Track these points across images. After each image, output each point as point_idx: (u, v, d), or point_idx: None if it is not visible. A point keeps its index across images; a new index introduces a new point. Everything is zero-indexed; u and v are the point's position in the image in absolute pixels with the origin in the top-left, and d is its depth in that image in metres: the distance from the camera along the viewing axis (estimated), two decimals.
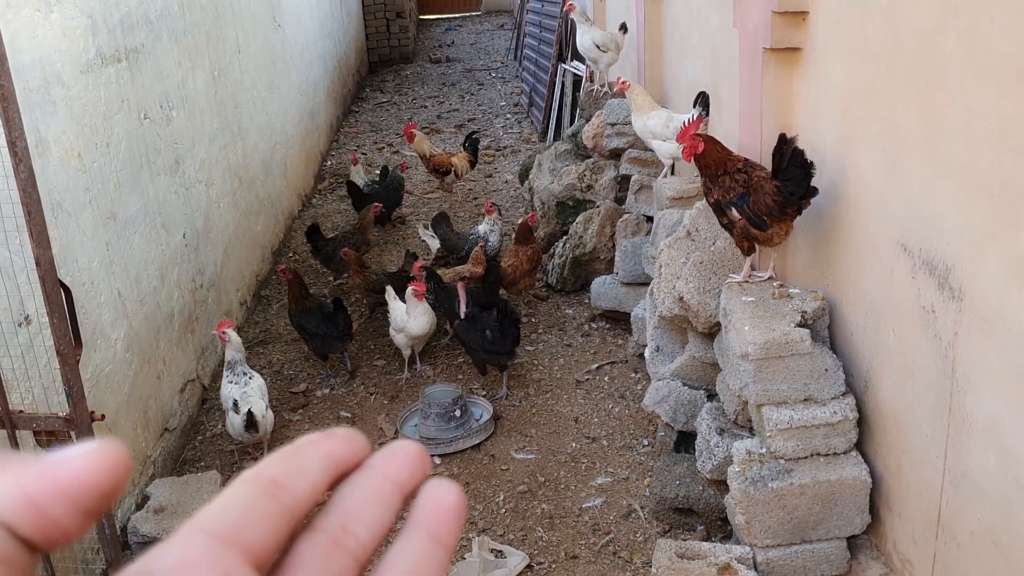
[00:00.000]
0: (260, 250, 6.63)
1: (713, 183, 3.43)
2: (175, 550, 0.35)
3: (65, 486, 0.34)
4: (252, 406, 4.16)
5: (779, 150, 3.23)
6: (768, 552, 3.11)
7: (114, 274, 3.99)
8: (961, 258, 2.43)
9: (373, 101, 12.89)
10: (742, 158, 3.48)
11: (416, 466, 0.41)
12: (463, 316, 4.84)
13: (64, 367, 2.24)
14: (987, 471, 2.39)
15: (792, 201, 3.21)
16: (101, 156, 3.94)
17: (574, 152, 6.70)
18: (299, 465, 0.39)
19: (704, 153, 3.44)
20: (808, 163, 3.16)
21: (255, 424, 4.15)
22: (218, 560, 0.34)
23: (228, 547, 0.35)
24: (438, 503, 0.40)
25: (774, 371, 3.09)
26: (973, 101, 2.33)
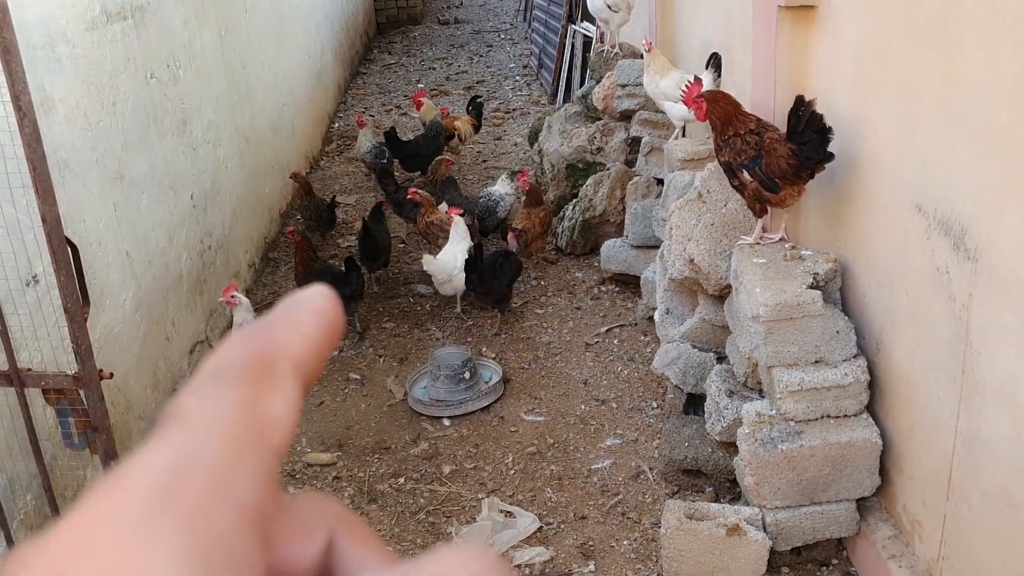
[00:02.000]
0: (268, 212, 6.61)
1: (725, 144, 3.39)
2: None
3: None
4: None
5: (795, 112, 3.17)
6: (777, 513, 3.10)
7: (122, 235, 3.97)
8: (977, 218, 2.40)
9: (381, 63, 12.79)
10: (754, 118, 3.42)
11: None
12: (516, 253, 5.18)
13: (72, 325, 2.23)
14: (1000, 432, 2.37)
15: (807, 165, 3.17)
16: (107, 115, 3.91)
17: (584, 114, 6.64)
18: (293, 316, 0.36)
19: (709, 112, 3.43)
20: (826, 127, 3.10)
21: None
22: None
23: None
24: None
25: (785, 333, 3.07)
26: (992, 58, 2.28)
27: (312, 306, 0.35)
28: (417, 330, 5.30)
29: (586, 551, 3.46)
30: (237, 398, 0.31)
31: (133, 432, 3.90)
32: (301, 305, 0.35)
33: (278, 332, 0.34)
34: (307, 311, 0.35)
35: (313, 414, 4.55)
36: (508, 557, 3.44)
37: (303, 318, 0.35)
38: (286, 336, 0.34)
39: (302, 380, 0.33)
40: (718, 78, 4.41)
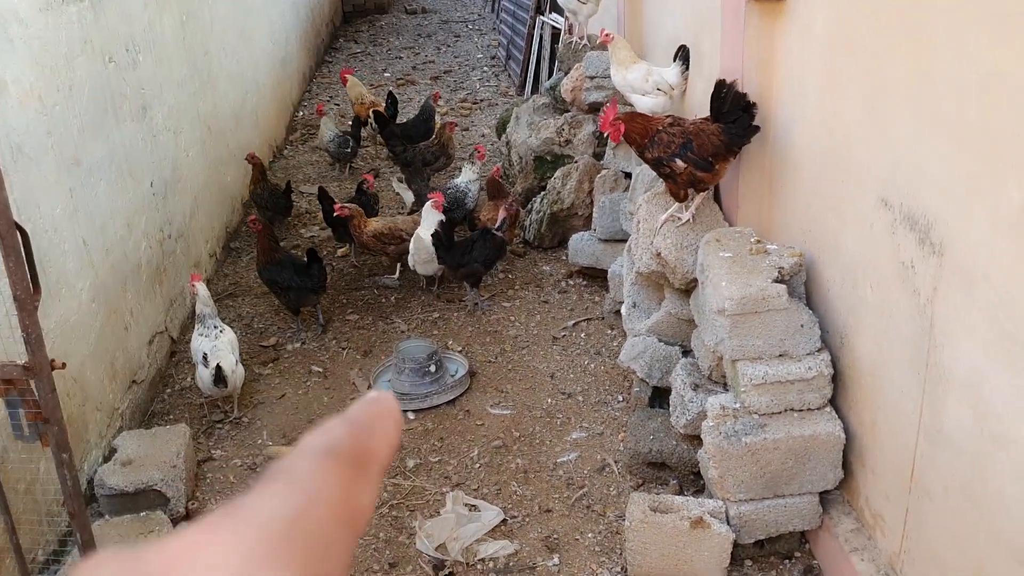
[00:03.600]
0: (230, 201, 6.51)
1: (650, 144, 3.57)
2: None
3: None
4: (221, 360, 4.09)
5: (717, 95, 3.44)
6: (741, 506, 3.10)
7: (79, 222, 3.88)
8: (944, 213, 2.40)
9: (347, 51, 12.67)
10: (667, 116, 3.70)
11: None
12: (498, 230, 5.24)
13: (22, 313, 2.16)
14: (963, 426, 2.38)
15: (738, 141, 3.43)
16: (63, 99, 3.81)
17: (552, 106, 6.61)
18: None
19: (627, 132, 3.63)
20: (751, 104, 3.40)
21: (224, 379, 4.09)
22: None
23: None
24: None
25: (750, 327, 3.06)
26: (961, 52, 2.28)
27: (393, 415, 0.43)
28: (382, 322, 5.25)
29: (550, 544, 3.44)
30: (342, 480, 0.37)
31: (90, 424, 3.81)
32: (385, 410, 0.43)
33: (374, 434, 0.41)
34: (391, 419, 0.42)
35: (275, 407, 4.48)
36: (472, 550, 3.41)
37: (390, 426, 0.42)
38: (379, 440, 0.41)
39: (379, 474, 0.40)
40: (686, 71, 4.40)
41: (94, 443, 3.84)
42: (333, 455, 0.38)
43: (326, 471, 0.37)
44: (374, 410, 0.42)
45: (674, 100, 4.48)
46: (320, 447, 0.38)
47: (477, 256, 5.11)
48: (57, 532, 3.39)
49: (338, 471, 0.37)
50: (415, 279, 5.66)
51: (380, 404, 0.43)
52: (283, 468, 0.36)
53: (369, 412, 0.42)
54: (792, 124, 3.39)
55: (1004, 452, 2.22)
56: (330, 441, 0.39)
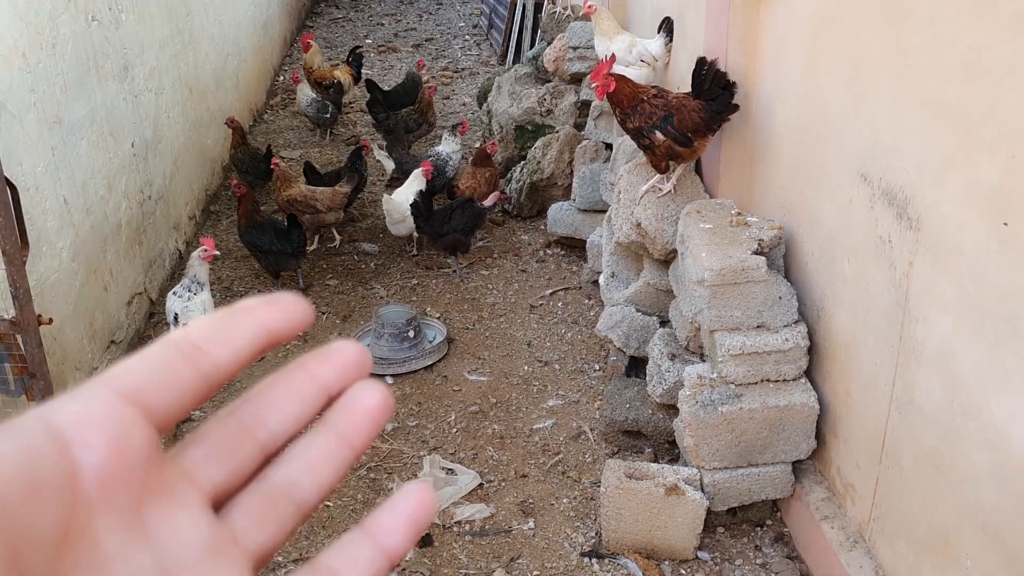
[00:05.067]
0: (210, 164, 6.48)
1: (632, 112, 3.60)
2: (76, 404, 0.34)
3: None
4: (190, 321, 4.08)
5: (699, 72, 3.47)
6: (715, 474, 3.17)
7: (60, 180, 3.86)
8: (921, 188, 2.45)
9: (328, 16, 12.55)
10: (652, 87, 3.71)
11: (347, 369, 0.41)
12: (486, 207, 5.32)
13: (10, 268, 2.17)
14: (934, 398, 2.44)
15: (717, 118, 3.47)
16: (47, 57, 3.78)
17: (534, 76, 6.60)
18: (228, 332, 0.39)
19: (616, 91, 3.64)
20: (731, 83, 3.44)
21: None
22: (117, 419, 0.34)
23: (130, 406, 0.34)
24: (357, 405, 0.40)
25: (729, 297, 3.11)
26: (942, 29, 2.32)
27: None
28: (361, 288, 5.26)
29: (526, 508, 3.50)
30: None
31: (68, 383, 3.81)
32: None
33: None
34: None
35: (254, 369, 4.48)
36: (449, 513, 3.46)
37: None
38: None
39: None
40: (669, 43, 4.42)
41: None
42: None
43: None
44: None
45: (657, 72, 4.50)
46: None
47: (456, 225, 5.13)
48: None
49: None
50: (394, 245, 5.68)
51: None
52: None
53: None
54: (774, 99, 3.43)
55: (973, 422, 2.28)
56: None
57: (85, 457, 0.33)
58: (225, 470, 0.38)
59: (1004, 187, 2.11)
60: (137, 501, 0.35)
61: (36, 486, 0.31)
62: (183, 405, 0.37)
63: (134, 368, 0.36)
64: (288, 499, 0.39)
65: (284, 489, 0.39)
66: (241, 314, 0.39)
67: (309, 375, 0.40)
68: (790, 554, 3.22)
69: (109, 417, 0.34)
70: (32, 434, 0.32)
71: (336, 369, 0.41)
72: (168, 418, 0.36)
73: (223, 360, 0.38)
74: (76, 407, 0.34)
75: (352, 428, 0.40)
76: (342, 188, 5.40)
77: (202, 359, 0.37)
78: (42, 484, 0.31)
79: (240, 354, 0.39)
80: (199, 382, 0.37)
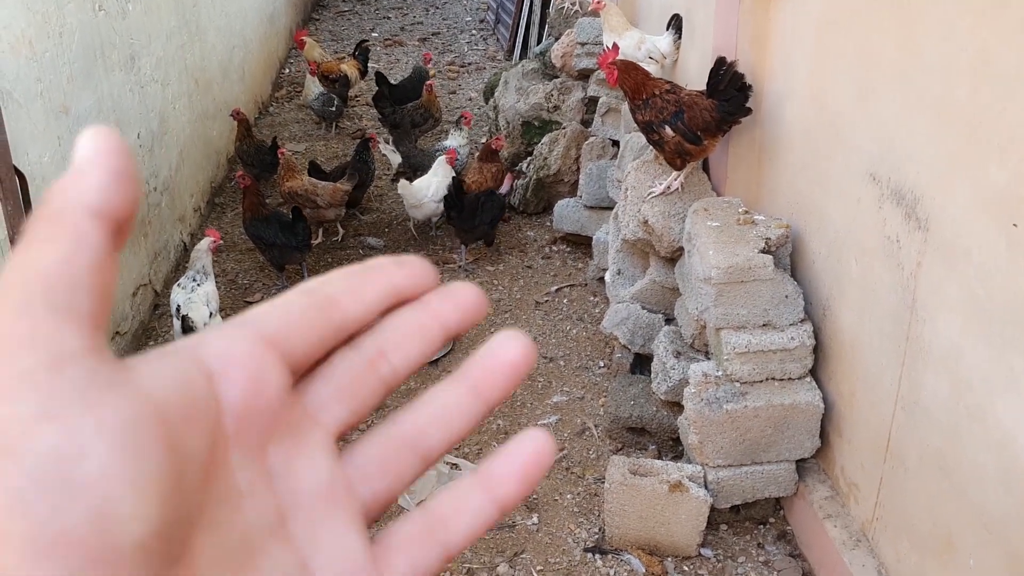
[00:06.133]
0: (215, 156, 6.47)
1: (643, 105, 3.59)
2: (221, 341, 0.35)
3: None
4: (191, 312, 4.08)
5: (716, 72, 3.44)
6: (719, 472, 3.17)
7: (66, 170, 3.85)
8: (930, 188, 2.45)
9: (335, 9, 12.54)
10: (666, 81, 3.69)
11: (466, 310, 0.41)
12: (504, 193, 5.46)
13: None
14: (939, 399, 2.44)
15: (729, 119, 3.44)
16: (53, 46, 3.78)
17: (541, 71, 6.59)
18: (359, 287, 0.39)
19: (620, 79, 3.64)
20: (747, 85, 3.40)
21: (191, 329, 4.09)
22: (257, 359, 0.35)
23: (269, 348, 0.35)
24: (496, 358, 0.40)
25: (735, 296, 3.11)
26: (951, 30, 2.31)
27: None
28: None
29: (530, 504, 3.50)
30: None
31: None
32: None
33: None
34: None
35: None
36: None
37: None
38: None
39: None
40: (678, 39, 4.41)
41: None
42: None
43: None
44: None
45: (666, 69, 4.49)
46: None
47: (485, 218, 5.22)
48: None
49: None
50: (400, 240, 5.68)
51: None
52: None
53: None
54: (783, 98, 3.42)
55: (978, 424, 2.28)
56: None
57: (227, 391, 0.34)
58: (349, 408, 0.39)
59: (1013, 189, 2.10)
60: (265, 440, 0.35)
61: (191, 409, 0.32)
62: (315, 353, 0.38)
63: (273, 313, 0.37)
64: (413, 450, 0.39)
65: (412, 439, 0.39)
66: (373, 272, 0.40)
67: (431, 313, 0.41)
68: (793, 552, 3.22)
69: (250, 356, 0.35)
70: (185, 361, 0.33)
71: (458, 309, 0.41)
72: (301, 364, 0.37)
73: (354, 314, 0.39)
74: (221, 344, 0.35)
75: (488, 382, 0.40)
76: (343, 185, 5.40)
77: (335, 311, 0.38)
78: (195, 409, 0.32)
79: (370, 309, 0.39)
80: (331, 332, 0.38)
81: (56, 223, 0.31)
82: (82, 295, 0.30)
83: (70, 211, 0.31)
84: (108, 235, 0.31)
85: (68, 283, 0.30)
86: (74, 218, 0.31)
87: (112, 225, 0.32)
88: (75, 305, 0.30)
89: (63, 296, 0.29)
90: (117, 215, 0.32)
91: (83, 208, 0.31)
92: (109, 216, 0.32)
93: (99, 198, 0.31)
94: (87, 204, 0.31)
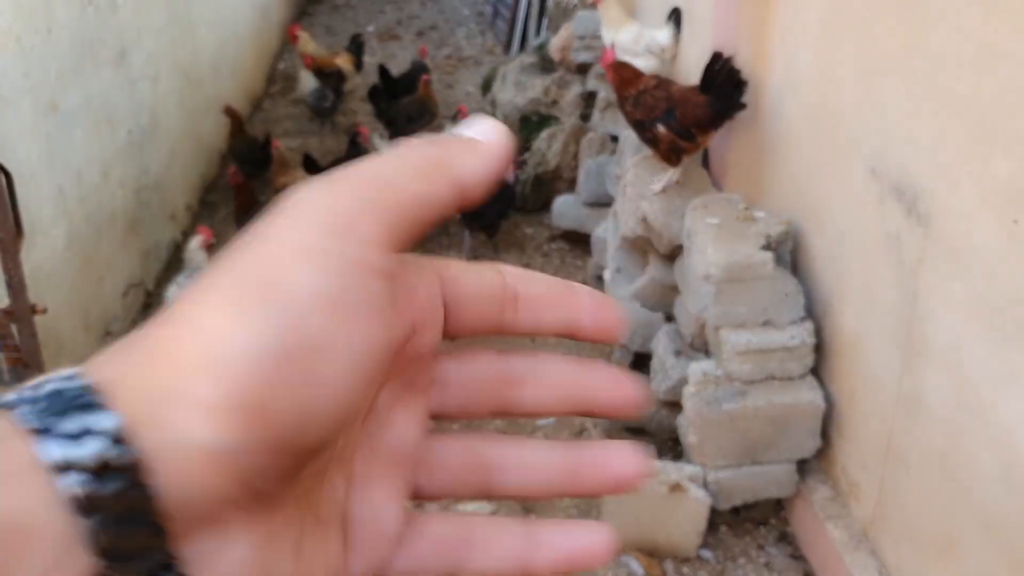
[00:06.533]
0: (207, 153, 6.41)
1: (634, 104, 3.55)
2: (457, 272, 0.38)
3: None
4: None
5: (712, 67, 3.39)
6: (719, 472, 3.13)
7: (55, 168, 3.80)
8: (932, 183, 2.40)
9: (329, 3, 12.46)
10: (654, 76, 3.64)
11: (613, 392, 0.39)
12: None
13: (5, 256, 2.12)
14: (941, 397, 2.40)
15: (722, 114, 3.40)
16: (42, 42, 3.72)
17: (540, 65, 6.53)
18: (546, 300, 0.39)
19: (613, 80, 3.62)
20: (743, 81, 3.37)
21: None
22: (439, 315, 0.37)
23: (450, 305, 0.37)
24: (611, 463, 0.39)
25: (735, 294, 3.07)
26: (957, 25, 2.26)
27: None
28: None
29: (527, 506, 3.45)
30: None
31: None
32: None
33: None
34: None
35: None
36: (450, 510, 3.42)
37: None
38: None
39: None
40: (678, 33, 4.37)
41: None
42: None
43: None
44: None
45: (665, 63, 4.45)
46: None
47: (492, 207, 5.19)
48: None
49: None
50: None
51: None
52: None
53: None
54: (784, 91, 3.37)
55: (980, 422, 2.24)
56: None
57: (423, 337, 0.35)
58: (458, 405, 0.39)
59: (1016, 184, 2.06)
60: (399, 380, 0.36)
61: (420, 319, 0.35)
62: (473, 327, 0.38)
63: (466, 275, 0.37)
64: (483, 478, 0.39)
65: (489, 469, 0.39)
66: (569, 293, 0.39)
67: (580, 375, 0.39)
68: (794, 553, 3.18)
69: (437, 314, 0.36)
70: (433, 284, 0.36)
71: (606, 388, 0.39)
72: (459, 331, 0.38)
73: (524, 323, 0.38)
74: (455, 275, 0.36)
75: (590, 476, 0.39)
76: None
77: (508, 309, 0.38)
78: (421, 320, 0.35)
79: (540, 326, 0.39)
80: (495, 324, 0.38)
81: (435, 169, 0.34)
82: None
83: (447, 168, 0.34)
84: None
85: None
86: (450, 175, 0.34)
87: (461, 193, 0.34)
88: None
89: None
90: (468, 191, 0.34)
91: (453, 176, 0.34)
92: (465, 188, 0.34)
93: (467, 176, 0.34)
94: (456, 176, 0.34)
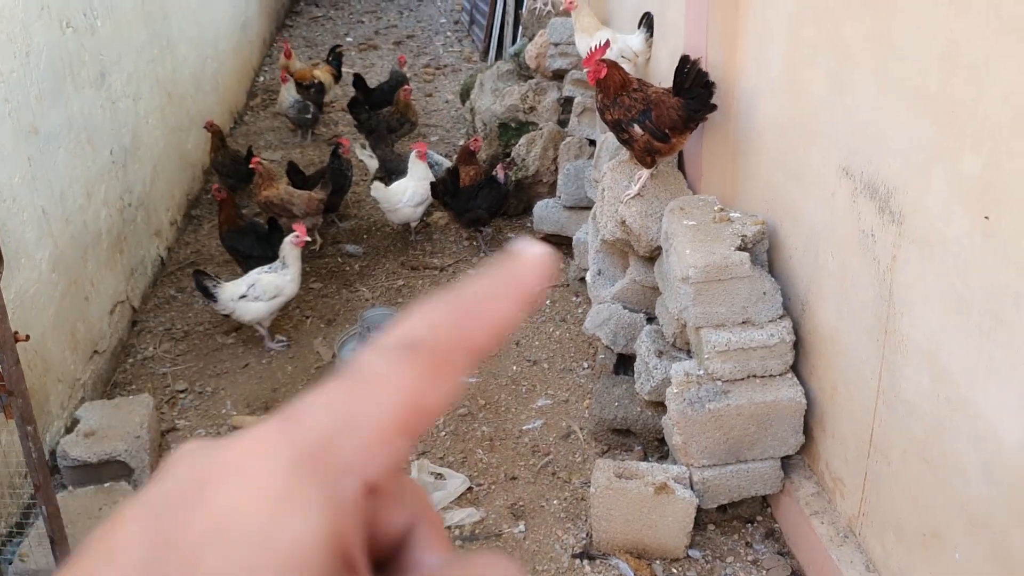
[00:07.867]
0: (191, 168, 6.42)
1: (612, 103, 3.58)
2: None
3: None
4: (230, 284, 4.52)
5: (681, 70, 3.47)
6: (704, 472, 3.16)
7: (37, 191, 3.81)
8: (903, 181, 2.44)
9: (308, 15, 12.47)
10: (635, 78, 3.67)
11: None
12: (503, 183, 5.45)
13: None
14: (921, 391, 2.43)
15: (696, 116, 3.48)
16: (20, 66, 3.73)
17: (517, 72, 6.57)
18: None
19: (607, 77, 3.59)
20: (711, 83, 3.44)
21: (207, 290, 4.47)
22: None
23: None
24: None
25: (713, 294, 3.10)
26: (924, 21, 2.30)
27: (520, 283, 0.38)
28: (345, 290, 5.23)
29: (516, 511, 3.48)
30: (415, 380, 0.34)
31: (51, 395, 3.77)
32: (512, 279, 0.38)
33: (476, 316, 0.36)
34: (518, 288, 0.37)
35: (238, 376, 4.46)
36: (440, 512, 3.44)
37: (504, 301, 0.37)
38: (481, 322, 0.36)
39: (474, 363, 0.36)
40: (650, 38, 4.40)
41: (56, 414, 3.81)
42: (414, 349, 0.35)
43: (399, 371, 0.34)
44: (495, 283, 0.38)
45: (638, 68, 4.48)
46: (403, 338, 0.35)
47: (481, 203, 5.33)
48: (19, 504, 3.37)
49: (414, 369, 0.34)
50: (379, 246, 5.66)
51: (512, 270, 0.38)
52: (358, 364, 0.35)
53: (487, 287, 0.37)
54: (756, 93, 3.41)
55: (960, 415, 2.28)
56: (416, 327, 0.36)
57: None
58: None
59: (986, 180, 2.10)
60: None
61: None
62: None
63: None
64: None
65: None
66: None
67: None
68: (781, 550, 3.21)
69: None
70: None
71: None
72: None
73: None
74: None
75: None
76: (317, 194, 5.35)
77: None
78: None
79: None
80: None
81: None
82: None
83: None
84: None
85: None
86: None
87: None
88: None
89: None
90: None
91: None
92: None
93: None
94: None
